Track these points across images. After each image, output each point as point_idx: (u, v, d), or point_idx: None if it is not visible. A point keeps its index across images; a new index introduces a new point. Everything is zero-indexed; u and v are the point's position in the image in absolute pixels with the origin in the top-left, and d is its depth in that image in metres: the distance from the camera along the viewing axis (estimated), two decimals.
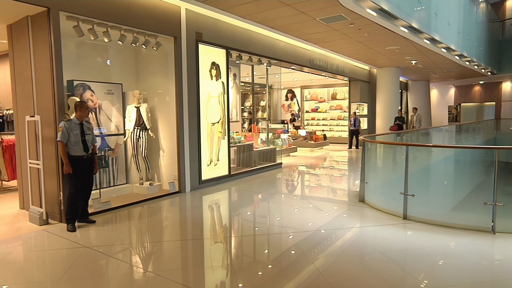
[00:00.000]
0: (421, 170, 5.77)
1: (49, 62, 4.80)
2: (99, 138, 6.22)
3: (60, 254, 3.94)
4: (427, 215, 4.81)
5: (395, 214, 5.12)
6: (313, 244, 4.17)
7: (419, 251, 3.94)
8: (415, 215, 4.90)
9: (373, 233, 4.54)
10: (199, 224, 5.09)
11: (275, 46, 9.29)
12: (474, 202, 4.65)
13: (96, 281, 3.31)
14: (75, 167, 4.64)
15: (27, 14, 4.98)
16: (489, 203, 4.36)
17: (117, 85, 6.56)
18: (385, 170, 6.00)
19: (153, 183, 6.84)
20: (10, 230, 4.74)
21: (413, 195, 4.90)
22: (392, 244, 4.14)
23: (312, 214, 5.41)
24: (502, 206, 4.33)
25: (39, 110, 5.03)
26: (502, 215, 4.33)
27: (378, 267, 3.54)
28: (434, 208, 4.91)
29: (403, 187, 4.96)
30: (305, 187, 7.94)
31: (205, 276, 3.47)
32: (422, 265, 3.58)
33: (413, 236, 4.41)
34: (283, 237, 4.50)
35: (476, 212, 4.52)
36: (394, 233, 4.54)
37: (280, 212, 5.62)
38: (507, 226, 4.32)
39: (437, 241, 4.18)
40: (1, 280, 3.33)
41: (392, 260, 3.67)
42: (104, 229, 4.78)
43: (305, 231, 4.61)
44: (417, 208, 4.90)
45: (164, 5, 6.27)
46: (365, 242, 4.20)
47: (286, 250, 4.07)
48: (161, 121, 7.01)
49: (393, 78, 15.98)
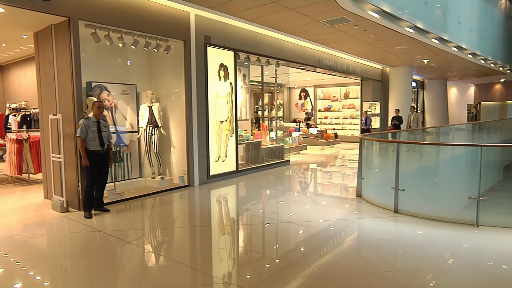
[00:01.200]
0: (413, 166, 6.01)
1: (69, 65, 5.34)
2: (115, 135, 6.76)
3: (77, 237, 4.46)
4: (416, 209, 5.07)
5: (387, 208, 5.39)
6: (305, 232, 4.52)
7: (400, 239, 4.24)
8: (405, 209, 5.17)
9: (362, 225, 4.85)
10: (206, 213, 5.55)
11: (283, 47, 9.63)
12: (460, 197, 4.88)
13: (108, 258, 3.80)
14: (92, 161, 5.17)
15: (50, 23, 5.54)
16: (474, 197, 4.60)
17: (132, 86, 7.09)
18: (379, 166, 6.25)
19: (164, 177, 7.33)
20: (36, 216, 5.31)
21: (403, 190, 5.18)
22: (377, 234, 4.45)
23: (309, 207, 5.75)
24: (485, 200, 4.55)
25: (61, 109, 5.59)
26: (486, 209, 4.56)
27: (359, 252, 3.87)
28: (423, 202, 5.16)
29: (394, 182, 5.23)
30: (308, 182, 8.26)
31: (212, 258, 3.85)
32: (399, 251, 3.89)
33: (398, 228, 4.70)
34: (279, 226, 4.87)
35: (461, 206, 4.75)
36: (382, 224, 4.83)
37: (281, 205, 5.98)
38: (490, 220, 4.54)
39: (419, 231, 4.45)
40: (29, 255, 3.86)
41: (373, 247, 3.98)
42: (117, 217, 5.29)
43: (299, 221, 4.97)
44: (407, 202, 5.17)
45: (174, 11, 6.74)
46: (352, 231, 4.52)
47: (281, 237, 4.45)
48: (172, 119, 7.49)
49: (406, 77, 16.00)
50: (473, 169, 4.66)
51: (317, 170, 9.83)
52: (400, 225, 4.78)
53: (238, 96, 9.61)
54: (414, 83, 20.78)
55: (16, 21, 5.48)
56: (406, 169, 5.41)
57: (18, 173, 7.40)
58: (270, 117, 20.39)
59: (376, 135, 10.00)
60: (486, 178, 4.65)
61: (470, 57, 13.65)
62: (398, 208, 5.23)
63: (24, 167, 7.40)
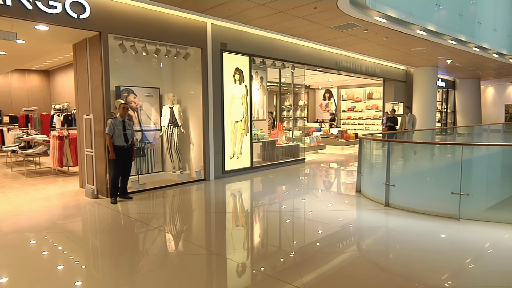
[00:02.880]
0: (404, 164, 6.35)
1: (99, 72, 6.23)
2: (140, 133, 7.63)
3: (104, 218, 5.31)
4: (405, 203, 5.46)
5: (380, 202, 5.81)
6: (299, 219, 5.08)
7: (380, 229, 4.68)
8: (395, 203, 5.57)
9: (351, 215, 5.32)
10: (220, 201, 6.29)
11: (298, 51, 10.14)
12: (444, 192, 5.19)
13: (128, 233, 4.58)
14: (118, 154, 6.02)
15: (86, 37, 6.47)
16: (456, 193, 4.93)
17: (155, 89, 7.94)
18: (374, 164, 6.62)
19: (184, 172, 8.12)
20: (72, 201, 6.25)
21: (393, 185, 5.57)
22: (362, 223, 4.91)
23: (310, 200, 6.28)
24: (467, 196, 4.87)
25: (93, 110, 6.50)
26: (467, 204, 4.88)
27: (339, 236, 4.39)
28: (412, 196, 5.52)
29: (385, 178, 5.64)
30: (317, 179, 8.74)
31: (226, 240, 4.46)
32: (376, 237, 4.35)
33: (382, 218, 5.13)
34: (282, 215, 5.46)
35: (445, 201, 5.08)
36: (370, 216, 5.28)
37: (285, 195, 6.55)
38: (470, 213, 4.86)
39: (402, 222, 4.86)
40: (65, 230, 4.72)
41: (356, 233, 4.47)
42: (139, 203, 6.11)
43: (296, 210, 5.53)
44: (397, 197, 5.56)
45: (193, 22, 7.49)
46: (339, 220, 5.02)
47: (283, 224, 5.05)
48: (191, 119, 8.26)
49: (430, 77, 15.89)
50: (456, 166, 4.99)
51: (329, 168, 10.25)
52: (385, 216, 5.20)
53: (256, 97, 10.27)
54: (444, 83, 20.40)
55: (58, 36, 6.46)
56: (397, 166, 5.79)
57: (59, 165, 8.49)
58: (294, 117, 20.87)
59: (378, 135, 10.27)
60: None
61: (496, 56, 13.40)
62: (389, 202, 5.63)
63: (64, 161, 8.48)
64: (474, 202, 4.93)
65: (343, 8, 6.94)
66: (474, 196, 4.93)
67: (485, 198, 5.18)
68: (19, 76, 13.87)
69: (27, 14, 5.27)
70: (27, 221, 5.09)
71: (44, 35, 6.32)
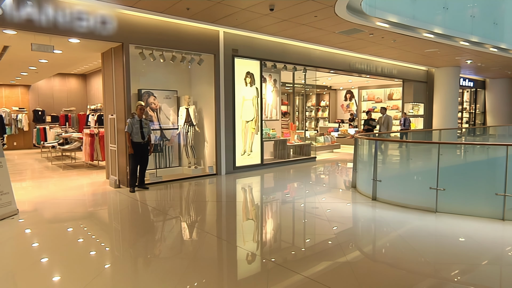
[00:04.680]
0: (389, 161, 6.74)
1: (122, 78, 7.14)
2: (159, 131, 8.52)
3: (124, 204, 6.19)
4: (390, 197, 5.90)
5: (368, 196, 6.27)
6: (289, 209, 5.70)
7: (360, 219, 5.19)
8: (381, 197, 6.01)
9: (338, 207, 5.85)
10: (230, 192, 7.03)
11: (310, 54, 10.65)
12: (424, 187, 5.58)
13: (142, 216, 5.41)
14: (135, 149, 6.89)
15: (111, 47, 7.42)
16: (433, 188, 5.32)
17: (173, 91, 8.80)
18: (366, 161, 7.04)
19: (198, 167, 8.92)
20: (98, 190, 7.21)
21: (380, 181, 6.03)
22: (346, 214, 5.45)
23: (307, 193, 6.85)
24: (443, 191, 5.26)
25: (116, 111, 7.44)
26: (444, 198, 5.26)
27: (322, 222, 4.95)
28: (396, 191, 5.94)
29: (373, 174, 6.10)
30: (320, 175, 9.23)
31: (236, 227, 5.08)
32: (355, 226, 4.87)
33: (367, 211, 5.61)
34: (284, 205, 6.10)
35: (424, 195, 5.48)
36: (355, 208, 5.78)
37: (289, 188, 7.16)
38: (446, 207, 5.24)
39: (381, 214, 5.33)
40: (91, 212, 5.63)
41: (338, 222, 5.02)
42: (155, 193, 6.95)
43: (293, 201, 6.14)
44: (383, 191, 6.01)
45: (206, 31, 8.25)
46: (327, 210, 5.57)
47: (283, 211, 5.69)
48: (206, 119, 9.04)
49: (452, 78, 15.78)
50: (433, 163, 5.38)
51: (336, 166, 10.68)
52: (369, 209, 5.68)
53: (269, 99, 10.91)
54: (471, 83, 20.01)
55: (88, 46, 7.45)
56: (384, 163, 6.22)
57: (90, 160, 9.58)
58: (316, 117, 21.23)
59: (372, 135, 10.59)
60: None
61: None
62: (376, 196, 6.09)
63: (94, 155, 9.56)
64: (449, 197, 5.29)
65: (342, 16, 7.42)
66: (450, 191, 5.30)
67: (459, 193, 5.51)
68: (60, 80, 15.37)
69: (61, 30, 6.25)
70: (60, 205, 6.08)
71: (76, 46, 7.34)
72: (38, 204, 6.10)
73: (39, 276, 3.41)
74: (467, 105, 22.45)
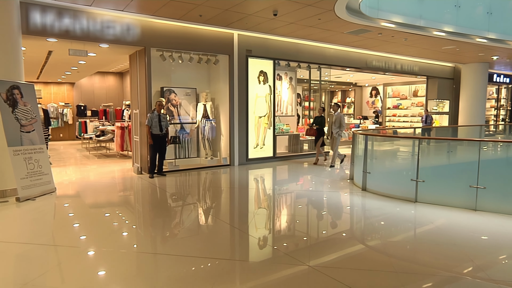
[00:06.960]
0: (378, 154, 7.15)
1: (144, 77, 8.11)
2: (179, 125, 9.45)
3: (144, 188, 7.16)
4: (378, 188, 6.37)
5: (360, 187, 6.77)
6: (287, 197, 6.38)
7: (345, 206, 5.76)
8: (371, 188, 6.50)
9: (329, 195, 6.42)
10: (242, 180, 7.81)
11: (324, 53, 11.10)
12: (406, 179, 5.98)
13: (159, 199, 6.35)
14: (154, 141, 7.84)
15: (136, 50, 8.43)
16: (414, 179, 5.75)
17: (193, 89, 9.69)
18: (360, 155, 7.46)
19: (214, 158, 9.77)
20: (124, 175, 8.27)
21: (369, 173, 6.51)
22: (335, 201, 6.03)
23: (307, 183, 7.46)
24: (423, 182, 5.67)
25: (140, 106, 8.44)
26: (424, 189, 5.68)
27: (309, 205, 5.59)
28: (383, 183, 6.39)
29: (363, 166, 6.59)
30: (325, 168, 9.73)
31: (248, 213, 5.76)
32: (339, 211, 5.46)
33: (353, 199, 6.14)
34: (285, 192, 6.79)
35: (406, 186, 5.91)
36: (344, 197, 6.33)
37: (294, 178, 7.81)
38: (425, 197, 5.65)
39: (366, 202, 5.84)
40: (118, 194, 6.65)
41: (328, 209, 5.64)
42: (172, 179, 7.86)
43: (294, 190, 6.80)
44: (372, 183, 6.49)
45: (221, 34, 9.03)
46: (321, 197, 6.17)
47: (285, 198, 6.40)
48: (222, 114, 9.85)
49: (479, 74, 15.44)
50: (414, 157, 5.79)
51: (345, 160, 11.09)
52: (356, 198, 6.20)
53: (285, 96, 11.52)
54: (508, 79, 19.31)
55: (117, 50, 8.52)
56: (372, 157, 6.69)
57: (121, 150, 10.75)
58: None
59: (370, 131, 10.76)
60: None
61: None
62: (366, 187, 6.58)
63: (124, 146, 10.72)
64: (429, 188, 5.69)
65: (344, 18, 7.87)
66: (429, 182, 5.69)
67: (437, 184, 5.87)
68: (99, 78, 16.91)
69: (92, 37, 7.31)
70: (91, 186, 7.17)
71: (106, 50, 8.42)
72: (71, 185, 7.24)
73: (72, 234, 4.38)
74: (504, 102, 21.58)
